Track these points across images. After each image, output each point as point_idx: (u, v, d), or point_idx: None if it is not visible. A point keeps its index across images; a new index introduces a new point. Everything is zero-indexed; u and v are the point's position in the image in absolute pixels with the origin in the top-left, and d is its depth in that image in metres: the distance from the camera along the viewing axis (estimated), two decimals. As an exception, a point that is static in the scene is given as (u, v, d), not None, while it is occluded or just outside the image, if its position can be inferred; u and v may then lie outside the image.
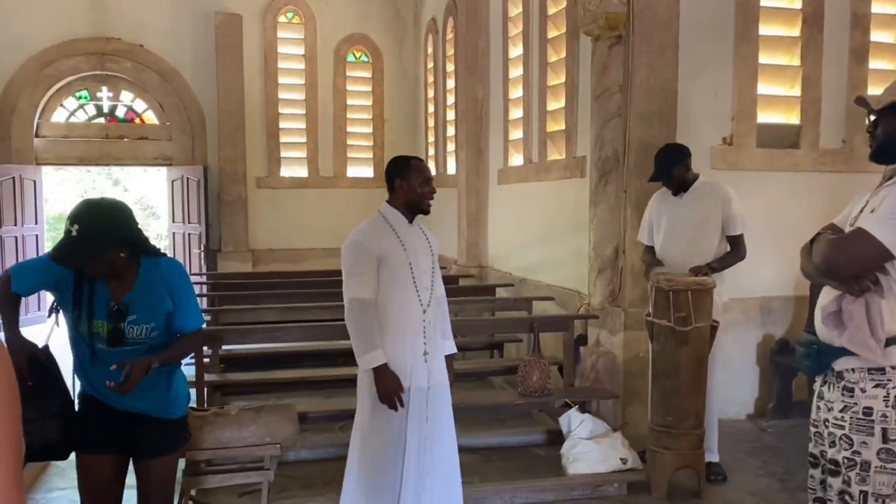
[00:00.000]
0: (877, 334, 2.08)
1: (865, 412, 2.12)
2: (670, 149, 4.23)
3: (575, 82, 5.96)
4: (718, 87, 5.23)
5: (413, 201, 3.01)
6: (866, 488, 2.12)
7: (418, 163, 3.06)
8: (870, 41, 5.54)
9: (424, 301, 3.01)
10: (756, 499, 3.89)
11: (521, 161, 7.23)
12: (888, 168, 2.22)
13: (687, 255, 4.07)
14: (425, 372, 2.99)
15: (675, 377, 3.84)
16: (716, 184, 4.22)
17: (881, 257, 2.06)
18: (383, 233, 2.98)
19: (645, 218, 4.38)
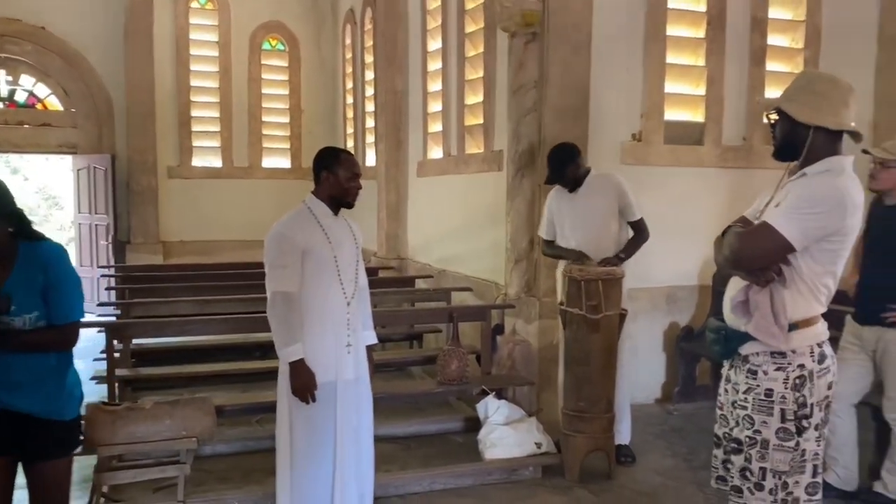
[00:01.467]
0: (780, 322, 2.23)
1: (767, 394, 2.27)
2: (560, 150, 4.34)
3: (492, 77, 6.07)
4: (629, 85, 5.42)
5: (338, 195, 3.02)
6: (765, 465, 2.28)
7: (348, 157, 3.06)
8: (767, 44, 5.86)
9: (349, 293, 3.05)
10: (663, 478, 4.10)
11: (441, 154, 7.30)
12: (791, 164, 2.37)
13: (592, 246, 4.22)
14: (351, 364, 3.03)
15: (586, 363, 3.99)
16: (607, 175, 4.41)
17: (784, 250, 2.20)
18: (308, 224, 2.99)
19: (545, 214, 4.51)
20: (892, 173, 3.58)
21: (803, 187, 2.24)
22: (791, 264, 2.23)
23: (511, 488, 3.96)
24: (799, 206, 2.19)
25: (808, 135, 2.27)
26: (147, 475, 3.41)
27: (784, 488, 2.27)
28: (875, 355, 3.65)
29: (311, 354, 2.96)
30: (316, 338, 2.97)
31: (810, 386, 2.26)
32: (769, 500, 2.27)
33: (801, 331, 2.25)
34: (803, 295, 2.25)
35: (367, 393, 3.18)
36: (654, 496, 3.88)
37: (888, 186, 3.61)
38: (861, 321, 3.70)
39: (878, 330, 3.60)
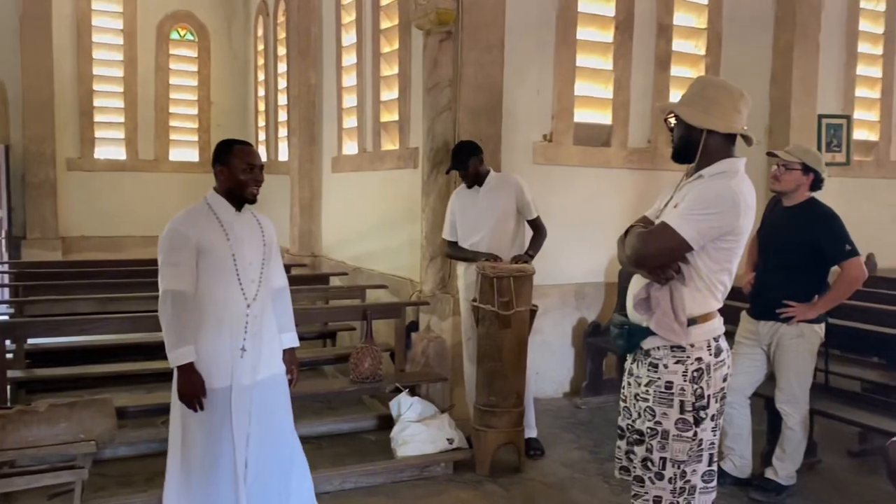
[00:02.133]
0: (679, 318, 2.32)
1: (667, 386, 2.37)
2: (466, 143, 4.50)
3: (408, 74, 6.06)
4: (540, 86, 5.53)
5: (234, 188, 2.84)
6: (665, 455, 2.37)
7: (242, 147, 2.87)
8: (672, 50, 6.08)
9: (249, 294, 2.87)
10: (570, 470, 4.20)
11: (356, 150, 7.24)
12: (688, 167, 2.48)
13: (493, 243, 4.31)
14: (248, 369, 2.87)
15: (498, 359, 4.05)
16: (505, 175, 4.53)
17: (682, 249, 2.29)
18: (205, 221, 2.82)
19: (447, 216, 4.58)
20: (794, 175, 3.77)
21: (699, 189, 2.34)
22: (689, 263, 2.33)
23: (423, 485, 3.97)
24: (695, 208, 2.29)
25: (701, 138, 2.37)
26: (41, 481, 3.23)
27: (682, 477, 2.37)
28: (769, 349, 3.85)
29: (206, 357, 2.80)
30: (212, 340, 2.81)
31: (707, 378, 2.36)
32: (669, 489, 2.37)
33: (699, 326, 2.36)
34: (701, 292, 2.35)
35: (280, 398, 3.03)
36: (561, 488, 3.97)
37: (790, 188, 3.80)
38: (756, 316, 3.89)
39: (773, 325, 3.79)
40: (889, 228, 7.05)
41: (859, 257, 3.71)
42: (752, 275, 4.02)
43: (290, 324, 3.15)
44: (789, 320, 3.72)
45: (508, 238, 4.37)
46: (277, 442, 3.02)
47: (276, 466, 3.01)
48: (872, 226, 6.18)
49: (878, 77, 7.30)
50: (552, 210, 5.09)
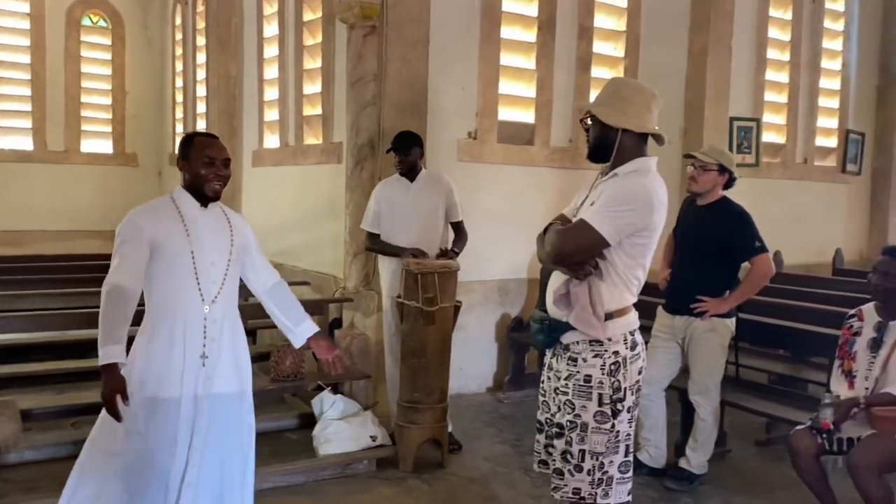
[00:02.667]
0: (597, 312, 2.37)
1: (586, 379, 2.42)
2: (411, 132, 4.46)
3: (331, 68, 5.99)
4: (465, 83, 5.56)
5: (194, 184, 2.65)
6: (584, 447, 2.42)
7: (202, 140, 2.69)
8: (593, 51, 6.22)
9: (209, 296, 2.64)
10: (492, 464, 4.25)
11: (277, 143, 7.11)
12: (603, 165, 2.54)
13: (419, 240, 4.30)
14: (200, 378, 2.63)
15: (422, 355, 4.05)
16: (438, 174, 4.54)
17: (599, 245, 2.36)
18: (165, 215, 2.63)
19: (371, 207, 4.49)
20: (710, 175, 3.91)
21: (615, 187, 2.41)
22: (606, 258, 2.39)
23: (345, 483, 3.94)
24: (611, 205, 2.36)
25: (616, 137, 2.44)
26: (-63, 490, 3.06)
27: (601, 468, 2.42)
28: (684, 343, 3.99)
29: (156, 363, 2.59)
30: (162, 346, 2.59)
31: (624, 371, 2.43)
32: (587, 481, 2.42)
33: (616, 320, 2.42)
34: (617, 287, 2.42)
35: (234, 415, 2.75)
36: (483, 482, 4.01)
37: (707, 188, 3.94)
38: (672, 311, 4.02)
39: (687, 319, 3.93)
40: (795, 227, 7.42)
41: (768, 254, 3.89)
42: (667, 271, 4.16)
43: (302, 314, 2.96)
44: (703, 315, 3.87)
45: (436, 238, 4.36)
46: (228, 466, 2.75)
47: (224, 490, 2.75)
48: (779, 225, 6.48)
49: (786, 82, 7.67)
50: (476, 207, 5.13)
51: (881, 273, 3.29)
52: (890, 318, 3.30)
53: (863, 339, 3.36)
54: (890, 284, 3.26)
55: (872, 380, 3.27)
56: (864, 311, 3.43)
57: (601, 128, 2.46)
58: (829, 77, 8.10)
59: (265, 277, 2.91)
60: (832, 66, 8.13)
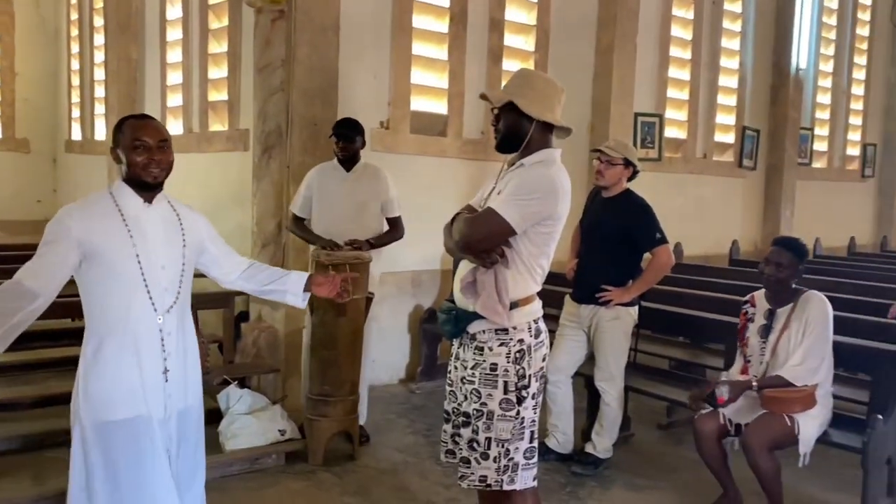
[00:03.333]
0: (503, 301, 2.40)
1: (492, 368, 2.44)
2: (354, 120, 4.38)
3: (238, 52, 5.82)
4: (377, 71, 5.50)
5: (132, 175, 2.30)
6: (490, 435, 2.44)
7: (132, 123, 2.33)
8: (504, 44, 6.27)
9: (161, 305, 2.31)
10: (404, 455, 4.24)
11: (181, 130, 6.85)
12: (510, 157, 2.56)
13: (348, 231, 4.24)
14: (162, 396, 2.34)
15: (333, 347, 4.00)
16: (377, 167, 4.47)
17: (507, 233, 2.38)
18: (102, 214, 2.28)
19: (301, 190, 4.42)
20: (617, 169, 4.02)
21: (521, 176, 2.45)
22: (512, 247, 2.42)
23: (253, 478, 3.85)
24: (518, 193, 2.39)
25: (530, 128, 2.47)
26: None
27: (506, 455, 2.45)
28: (590, 331, 4.09)
29: (106, 383, 2.27)
30: (112, 362, 2.27)
31: (529, 359, 2.46)
32: (493, 468, 2.45)
33: (521, 308, 2.46)
34: (522, 275, 2.45)
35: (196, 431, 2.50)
36: (394, 473, 4.00)
37: (614, 182, 4.05)
38: (578, 300, 4.12)
39: (593, 309, 4.03)
40: (695, 220, 7.73)
41: (668, 245, 4.03)
42: (574, 261, 4.25)
43: (280, 273, 2.67)
44: (607, 304, 3.98)
45: (366, 231, 4.28)
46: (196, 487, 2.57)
47: None
48: (680, 217, 6.74)
49: (687, 80, 7.96)
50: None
51: (773, 263, 3.45)
52: (778, 305, 3.47)
53: (755, 325, 3.54)
54: (780, 274, 3.42)
55: (764, 364, 3.45)
56: (757, 298, 3.61)
57: (517, 118, 2.48)
58: (727, 75, 8.46)
59: (232, 268, 2.61)
60: (730, 64, 8.50)
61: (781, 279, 3.43)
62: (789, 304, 3.43)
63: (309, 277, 2.66)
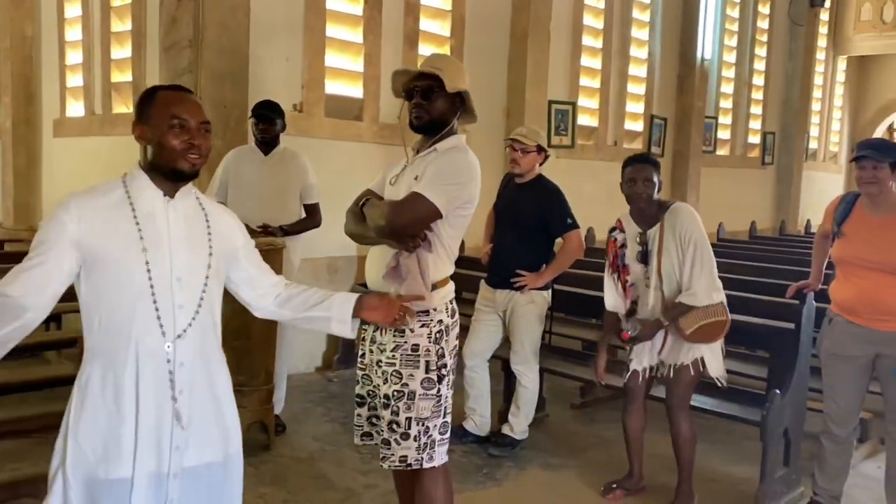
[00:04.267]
0: (427, 283, 2.41)
1: (413, 349, 2.46)
2: (275, 102, 4.30)
3: (143, 31, 5.58)
4: (290, 54, 5.38)
5: (160, 162, 1.82)
6: (411, 415, 2.45)
7: (170, 95, 1.86)
8: (420, 28, 6.25)
9: (171, 329, 1.80)
10: (321, 443, 4.20)
11: (83, 112, 6.53)
12: (417, 141, 2.58)
13: (265, 217, 4.16)
14: (167, 449, 1.79)
15: (246, 337, 3.91)
16: (296, 153, 4.40)
17: (434, 216, 2.41)
18: (108, 208, 1.80)
19: (218, 173, 4.31)
20: (531, 157, 4.06)
21: (441, 161, 2.47)
22: (433, 231, 2.43)
23: (164, 472, 3.74)
24: (443, 178, 2.41)
25: (457, 113, 2.53)
26: None
27: (426, 433, 2.48)
28: (505, 315, 4.14)
29: (97, 428, 1.77)
30: (103, 402, 1.77)
31: (447, 338, 2.51)
32: (414, 447, 2.47)
33: (440, 290, 2.49)
34: (441, 258, 2.49)
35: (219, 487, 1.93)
36: (311, 461, 3.96)
37: (528, 169, 4.10)
38: (494, 285, 4.16)
39: (509, 293, 4.08)
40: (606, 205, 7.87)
41: (579, 230, 4.13)
42: (489, 246, 4.29)
43: (323, 295, 2.12)
44: (522, 288, 4.04)
45: (283, 217, 4.21)
46: None
47: None
48: (592, 203, 6.90)
49: (599, 68, 8.14)
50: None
51: (642, 181, 3.27)
52: (649, 225, 3.34)
53: (630, 251, 3.40)
54: (650, 190, 3.27)
55: (654, 289, 3.33)
56: (624, 221, 3.46)
57: (451, 102, 2.50)
58: (636, 65, 8.70)
59: (268, 291, 2.09)
60: (639, 54, 8.74)
61: (651, 194, 3.29)
62: (656, 224, 3.31)
63: (358, 299, 2.12)
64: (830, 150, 13.52)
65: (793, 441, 3.61)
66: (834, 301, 3.39)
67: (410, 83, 2.54)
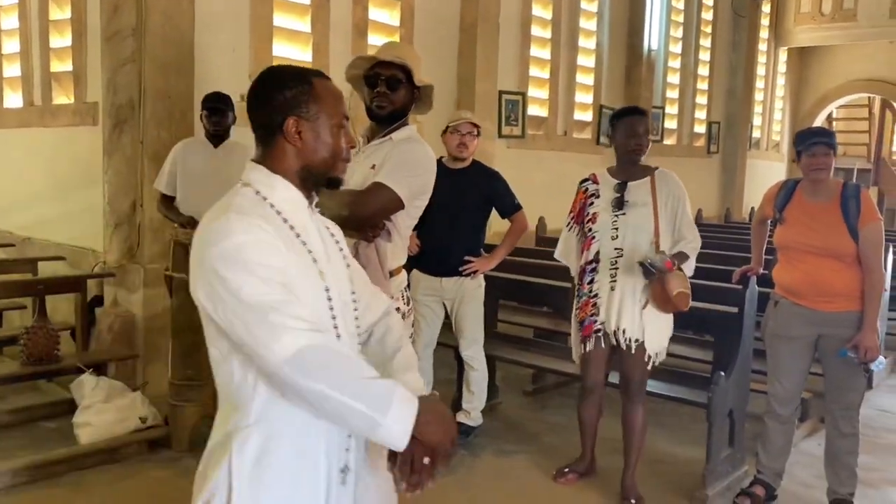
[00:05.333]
0: (385, 272, 2.45)
1: None
2: (220, 94, 4.23)
3: (83, 19, 5.41)
4: (236, 44, 5.29)
5: (320, 166, 1.53)
6: None
7: (334, 88, 1.56)
8: (369, 18, 6.20)
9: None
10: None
11: (21, 103, 6.32)
12: (366, 128, 2.61)
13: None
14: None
15: (195, 331, 3.83)
16: (246, 146, 4.32)
17: (397, 206, 2.42)
18: (276, 229, 1.46)
19: (166, 166, 4.25)
20: (476, 140, 4.09)
21: (401, 152, 2.48)
22: (392, 220, 2.46)
23: (112, 470, 3.67)
24: (405, 168, 2.43)
25: (413, 103, 2.57)
26: None
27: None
28: (452, 303, 4.13)
29: (271, 498, 1.43)
30: (285, 463, 1.44)
31: None
32: None
33: (395, 278, 2.53)
34: (398, 246, 2.54)
35: None
36: (265, 454, 3.93)
37: (472, 153, 4.11)
38: (441, 274, 4.10)
39: (457, 280, 4.07)
40: (557, 195, 7.94)
41: (523, 210, 4.16)
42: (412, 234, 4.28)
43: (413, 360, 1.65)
44: (472, 274, 4.05)
45: None
46: None
47: None
48: (543, 192, 6.96)
49: (548, 59, 8.20)
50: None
51: (640, 134, 3.31)
52: (629, 178, 3.35)
53: (602, 200, 3.37)
54: (645, 142, 3.33)
55: (623, 239, 3.28)
56: (599, 175, 3.46)
57: (409, 91, 2.53)
58: (585, 55, 8.79)
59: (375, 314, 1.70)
60: (588, 45, 8.82)
61: (648, 146, 3.34)
62: (644, 178, 3.34)
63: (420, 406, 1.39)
64: (773, 138, 13.88)
65: (737, 421, 3.72)
66: (778, 284, 3.49)
67: (372, 70, 2.53)
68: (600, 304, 3.34)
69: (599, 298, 3.34)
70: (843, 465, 3.41)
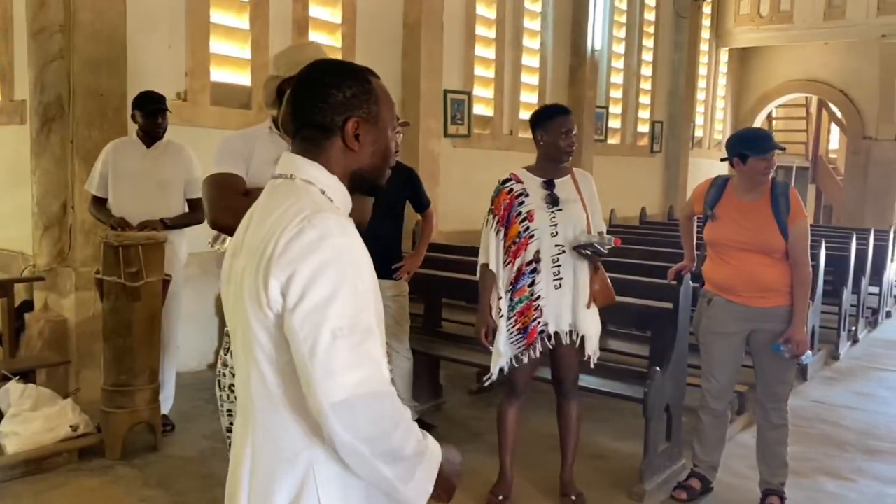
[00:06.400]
0: None
1: None
2: (156, 94, 4.11)
3: (8, 14, 5.23)
4: (172, 41, 5.17)
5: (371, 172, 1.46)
6: None
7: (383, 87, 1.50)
8: (309, 15, 6.13)
9: None
10: (211, 441, 4.08)
11: (-56, 101, 6.07)
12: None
13: (147, 212, 4.01)
14: None
15: (127, 334, 3.76)
16: (180, 145, 4.25)
17: None
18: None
19: (97, 166, 4.12)
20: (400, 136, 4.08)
21: None
22: None
23: (41, 480, 3.54)
24: None
25: None
26: None
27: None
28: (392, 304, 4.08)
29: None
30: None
31: None
32: None
33: None
34: None
35: None
36: (201, 460, 3.85)
37: None
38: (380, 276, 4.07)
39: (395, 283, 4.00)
40: (502, 193, 8.03)
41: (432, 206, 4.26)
42: None
43: None
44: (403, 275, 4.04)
45: (167, 213, 4.06)
46: None
47: None
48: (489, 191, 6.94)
49: (493, 58, 8.22)
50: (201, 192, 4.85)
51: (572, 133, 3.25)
52: (553, 176, 3.29)
53: (534, 199, 3.25)
54: (575, 140, 3.28)
55: (564, 236, 3.21)
56: (520, 174, 3.35)
57: None
58: (529, 55, 8.84)
59: None
60: (532, 44, 8.88)
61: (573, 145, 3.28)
62: (566, 175, 3.31)
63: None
64: (715, 137, 14.18)
65: (674, 416, 3.78)
66: (709, 281, 3.55)
67: None
68: (543, 306, 3.21)
69: (542, 300, 3.21)
70: (775, 456, 3.49)
